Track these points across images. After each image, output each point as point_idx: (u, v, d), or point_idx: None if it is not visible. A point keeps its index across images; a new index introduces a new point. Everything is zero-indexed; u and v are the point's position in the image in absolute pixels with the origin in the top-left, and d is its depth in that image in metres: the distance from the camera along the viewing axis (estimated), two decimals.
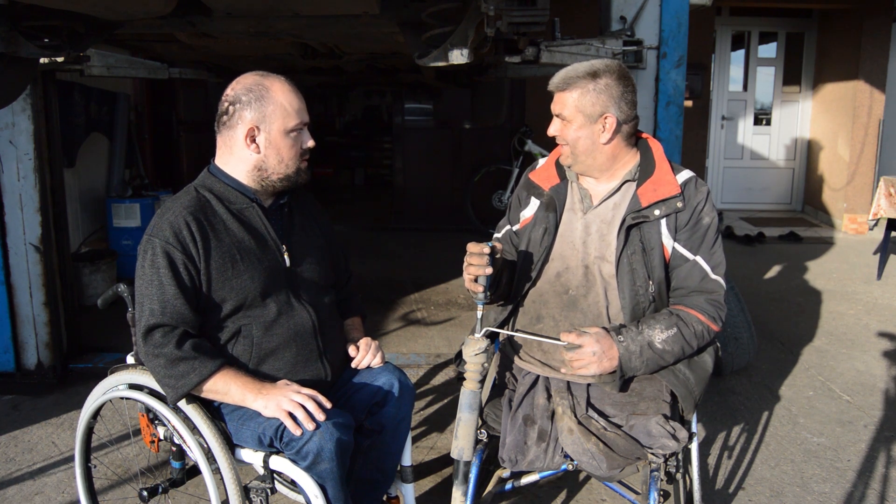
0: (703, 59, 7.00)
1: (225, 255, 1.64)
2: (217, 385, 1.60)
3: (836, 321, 4.25)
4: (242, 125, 1.66)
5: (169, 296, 1.58)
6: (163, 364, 1.58)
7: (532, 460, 1.66)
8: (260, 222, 1.72)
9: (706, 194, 1.76)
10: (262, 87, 1.66)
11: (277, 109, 1.66)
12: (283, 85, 1.68)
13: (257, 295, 1.66)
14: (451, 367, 3.44)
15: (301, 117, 1.69)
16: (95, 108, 4.98)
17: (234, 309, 1.65)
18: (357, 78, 5.80)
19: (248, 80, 1.68)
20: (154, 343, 1.58)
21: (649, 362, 1.66)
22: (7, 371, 3.25)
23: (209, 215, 1.65)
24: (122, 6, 2.29)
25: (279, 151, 1.68)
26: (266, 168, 1.69)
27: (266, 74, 1.70)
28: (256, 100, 1.65)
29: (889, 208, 4.87)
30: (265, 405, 1.58)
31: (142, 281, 1.60)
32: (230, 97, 1.68)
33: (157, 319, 1.58)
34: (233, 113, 1.67)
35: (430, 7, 2.36)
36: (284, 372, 1.69)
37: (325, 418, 1.56)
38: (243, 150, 1.69)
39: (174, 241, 1.59)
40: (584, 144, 1.72)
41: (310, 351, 1.73)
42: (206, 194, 1.69)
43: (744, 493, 2.40)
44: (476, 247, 1.62)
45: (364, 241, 6.59)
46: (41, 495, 2.37)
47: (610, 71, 1.69)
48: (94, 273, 4.43)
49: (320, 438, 1.53)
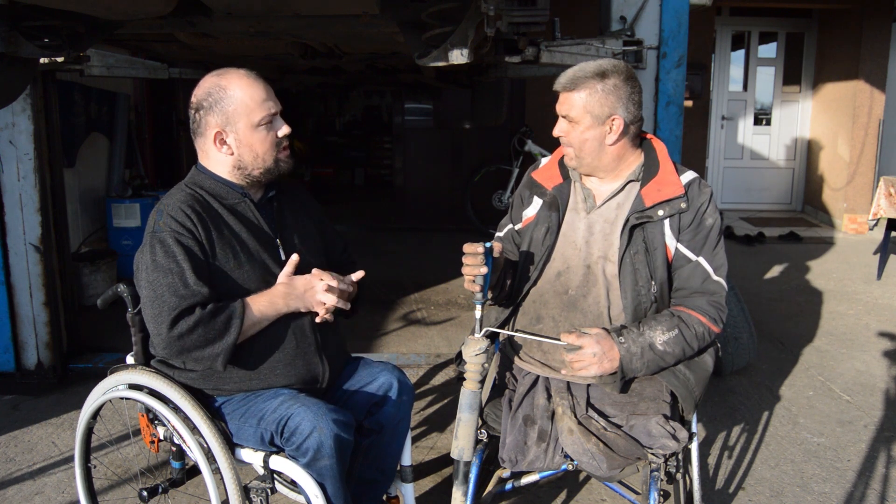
0: (703, 59, 7.00)
1: (226, 248, 1.64)
2: (255, 313, 1.61)
3: (836, 321, 4.24)
4: (209, 130, 1.65)
5: (192, 280, 1.56)
6: (202, 330, 1.54)
7: (532, 460, 1.66)
8: (253, 217, 1.72)
9: (709, 195, 1.76)
10: (220, 88, 1.63)
11: (239, 107, 1.63)
12: (241, 79, 1.65)
13: (256, 289, 1.66)
14: (451, 367, 3.44)
15: (267, 108, 1.65)
16: (95, 108, 4.98)
17: (236, 296, 1.65)
18: (357, 78, 5.79)
19: (207, 83, 1.66)
20: (185, 321, 1.53)
21: (650, 364, 1.66)
22: (7, 371, 3.25)
23: (206, 208, 1.65)
24: (122, 6, 2.28)
25: (252, 147, 1.66)
26: (244, 166, 1.69)
27: (223, 73, 1.66)
28: (216, 102, 1.63)
29: (889, 208, 4.87)
30: (299, 306, 1.67)
31: (157, 273, 1.56)
32: (193, 104, 1.66)
33: (186, 303, 1.54)
34: (199, 120, 1.66)
35: (430, 7, 2.35)
36: (283, 365, 1.69)
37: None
38: (217, 154, 1.68)
39: (182, 230, 1.58)
40: (591, 146, 1.72)
41: (308, 345, 1.73)
42: (198, 191, 1.69)
43: (744, 493, 2.40)
44: (471, 247, 1.62)
45: (364, 241, 6.59)
46: (41, 495, 2.37)
47: (618, 71, 1.68)
48: (94, 273, 4.43)
49: (320, 434, 1.53)
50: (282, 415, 1.58)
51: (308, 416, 1.55)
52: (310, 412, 1.56)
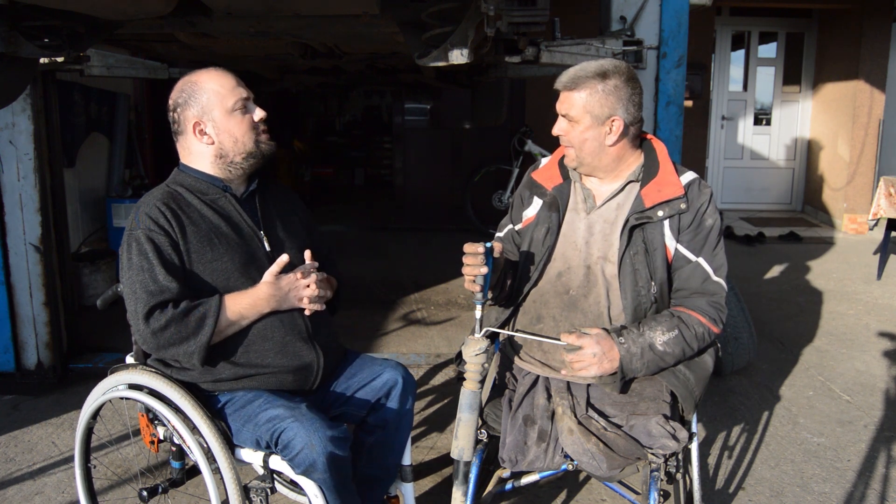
0: (703, 59, 7.00)
1: (203, 240, 1.67)
2: (231, 314, 1.64)
3: (836, 321, 4.24)
4: (189, 124, 1.73)
5: (161, 277, 1.61)
6: (174, 328, 1.59)
7: (532, 460, 1.66)
8: (234, 211, 1.76)
9: (709, 196, 1.76)
10: (191, 83, 1.73)
11: (212, 96, 1.71)
12: (209, 73, 1.74)
13: (238, 276, 1.69)
14: (451, 367, 3.44)
15: (238, 93, 1.73)
16: (95, 108, 4.98)
17: (217, 291, 1.67)
18: (357, 78, 5.79)
19: (179, 84, 1.76)
20: (157, 318, 1.59)
21: (650, 364, 1.66)
22: (7, 371, 3.25)
23: (182, 205, 1.70)
24: (122, 6, 2.28)
25: (231, 132, 1.73)
26: (226, 153, 1.74)
27: (192, 72, 1.76)
28: (190, 96, 1.72)
29: (889, 208, 4.87)
30: (283, 306, 1.70)
31: (132, 271, 1.63)
32: (170, 105, 1.75)
33: (156, 299, 1.60)
34: (178, 118, 1.75)
35: (430, 7, 2.35)
36: (274, 353, 1.70)
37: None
38: (199, 146, 1.74)
39: (155, 227, 1.64)
40: (591, 146, 1.72)
41: (298, 332, 1.74)
42: (178, 188, 1.75)
43: (744, 493, 2.40)
44: (471, 247, 1.62)
45: (364, 241, 6.59)
46: (41, 495, 2.37)
47: (619, 72, 1.68)
48: (94, 273, 4.43)
49: (312, 451, 1.53)
50: (276, 428, 1.58)
51: (301, 432, 1.54)
52: (303, 428, 1.55)
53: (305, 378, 1.75)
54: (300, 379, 1.74)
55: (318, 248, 1.96)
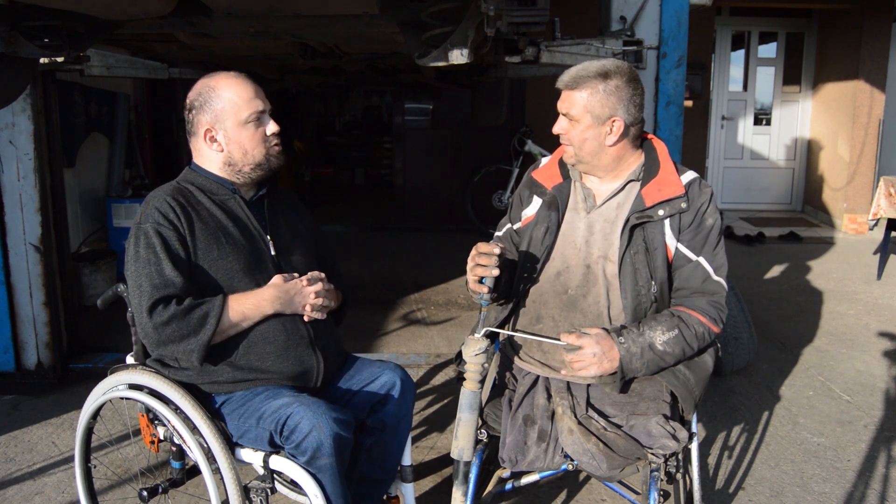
0: (703, 59, 7.00)
1: (210, 238, 1.67)
2: (233, 315, 1.63)
3: (836, 321, 4.24)
4: (200, 129, 1.73)
5: (167, 270, 1.61)
6: (176, 324, 1.58)
7: (532, 460, 1.66)
8: (242, 213, 1.77)
9: (710, 195, 1.76)
10: (209, 88, 1.71)
11: (227, 105, 1.70)
12: (230, 80, 1.72)
13: (242, 276, 1.69)
14: (451, 367, 3.44)
15: (254, 106, 1.72)
16: (95, 108, 4.98)
17: (220, 290, 1.67)
18: (357, 78, 5.80)
19: (199, 85, 1.74)
20: (160, 313, 1.58)
21: (650, 364, 1.66)
22: (7, 371, 3.25)
23: (191, 201, 1.71)
24: (122, 6, 2.28)
25: (241, 144, 1.72)
26: (234, 163, 1.74)
27: (214, 75, 1.74)
28: (206, 102, 1.71)
29: (889, 208, 4.87)
30: (286, 310, 1.69)
31: (138, 264, 1.62)
32: (187, 105, 1.75)
33: (161, 293, 1.59)
34: (191, 120, 1.74)
35: (430, 7, 2.35)
36: (275, 356, 1.70)
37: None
38: (209, 151, 1.75)
39: (164, 221, 1.64)
40: (591, 146, 1.72)
41: (300, 337, 1.74)
42: (188, 185, 1.75)
43: (744, 493, 2.40)
44: (486, 247, 1.62)
45: (364, 241, 6.59)
46: (41, 495, 2.37)
47: (621, 73, 1.68)
48: (94, 273, 4.43)
49: (319, 433, 1.53)
50: (281, 414, 1.58)
51: (307, 414, 1.55)
52: (309, 411, 1.56)
53: (304, 383, 1.75)
54: (299, 384, 1.74)
55: (324, 259, 1.97)
